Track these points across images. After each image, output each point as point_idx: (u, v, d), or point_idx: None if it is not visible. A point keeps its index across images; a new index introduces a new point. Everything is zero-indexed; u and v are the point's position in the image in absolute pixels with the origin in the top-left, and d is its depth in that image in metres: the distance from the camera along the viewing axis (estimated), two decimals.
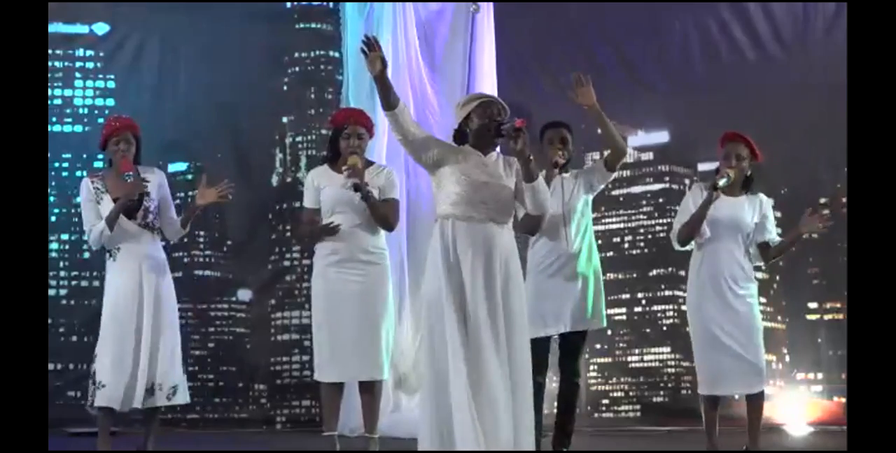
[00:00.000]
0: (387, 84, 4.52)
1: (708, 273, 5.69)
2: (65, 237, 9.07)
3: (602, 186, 5.74)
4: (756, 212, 5.76)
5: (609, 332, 9.15)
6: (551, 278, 5.51)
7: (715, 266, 5.67)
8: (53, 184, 8.84)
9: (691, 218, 5.67)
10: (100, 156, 8.42)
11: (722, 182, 5.60)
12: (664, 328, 9.08)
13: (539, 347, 5.12)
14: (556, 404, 5.68)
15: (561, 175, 5.59)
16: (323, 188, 5.59)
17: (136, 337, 5.61)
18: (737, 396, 5.77)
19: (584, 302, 5.56)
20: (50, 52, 8.68)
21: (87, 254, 9.03)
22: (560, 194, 5.50)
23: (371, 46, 4.47)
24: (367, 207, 5.45)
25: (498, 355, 4.34)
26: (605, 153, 5.71)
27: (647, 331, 9.11)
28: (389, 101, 4.52)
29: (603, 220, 9.28)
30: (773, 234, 5.79)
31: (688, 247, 5.81)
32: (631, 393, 9.05)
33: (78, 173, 8.92)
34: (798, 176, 8.16)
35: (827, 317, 8.62)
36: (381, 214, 5.51)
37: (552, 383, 5.93)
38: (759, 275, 5.79)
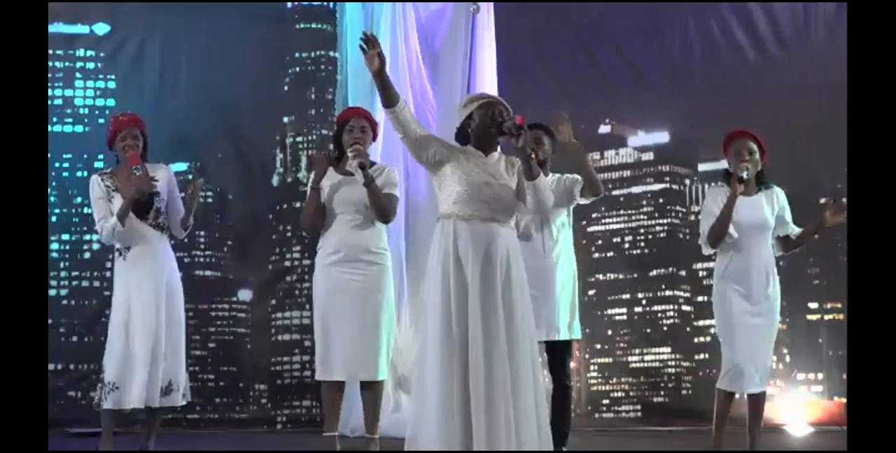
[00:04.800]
0: (386, 81, 4.51)
1: (735, 275, 5.66)
2: (65, 237, 9.06)
3: (577, 203, 5.74)
4: (774, 207, 5.74)
5: (609, 332, 9.16)
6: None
7: (743, 267, 5.66)
8: (54, 184, 8.84)
9: (719, 218, 5.61)
10: (101, 157, 8.46)
11: (744, 173, 5.57)
12: (664, 328, 9.08)
13: None
14: (550, 405, 5.67)
15: None
16: (326, 188, 5.58)
17: (151, 337, 5.62)
18: (737, 395, 5.77)
19: (557, 312, 5.57)
20: (50, 52, 8.68)
21: (87, 254, 9.03)
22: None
23: (370, 43, 4.46)
24: (368, 193, 5.43)
25: (490, 356, 4.32)
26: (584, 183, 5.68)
27: (648, 331, 9.10)
28: (389, 98, 4.52)
29: (603, 220, 9.28)
30: (791, 226, 5.78)
31: (710, 252, 5.80)
32: (631, 394, 9.05)
33: (78, 173, 8.92)
34: (798, 176, 8.14)
35: (827, 317, 8.62)
36: (380, 202, 5.48)
37: (548, 383, 5.92)
38: (776, 271, 5.77)
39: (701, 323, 8.96)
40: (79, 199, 8.91)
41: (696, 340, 8.98)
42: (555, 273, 5.61)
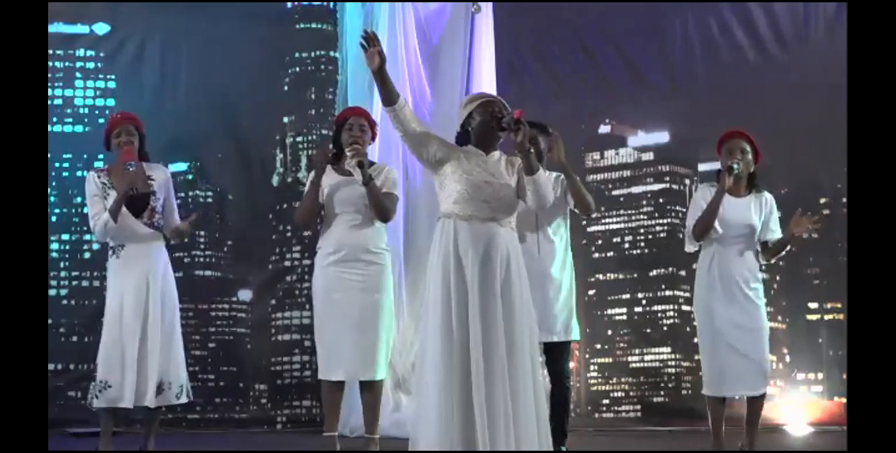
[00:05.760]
0: (386, 79, 4.50)
1: (718, 273, 5.66)
2: (65, 237, 9.07)
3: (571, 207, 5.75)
4: (762, 211, 5.75)
5: (609, 332, 9.16)
6: None
7: (725, 266, 5.65)
8: (54, 184, 8.85)
9: (706, 210, 5.61)
10: (100, 157, 8.45)
11: (735, 165, 5.58)
12: (664, 328, 9.08)
13: None
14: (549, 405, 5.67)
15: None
16: (325, 188, 5.58)
17: (142, 336, 5.62)
18: (737, 396, 5.77)
19: (554, 313, 5.57)
20: (50, 52, 8.69)
21: (87, 254, 9.04)
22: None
23: (370, 41, 4.46)
24: (367, 191, 5.44)
25: (489, 355, 4.32)
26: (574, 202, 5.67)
27: (648, 331, 9.11)
28: (389, 96, 4.51)
29: (603, 220, 9.28)
30: (775, 233, 5.77)
31: (693, 248, 5.80)
32: (631, 393, 9.05)
33: (78, 173, 8.92)
34: (798, 176, 8.15)
35: (827, 317, 8.62)
36: (379, 201, 5.48)
37: (548, 384, 5.93)
38: (760, 275, 5.79)
39: None
40: (79, 199, 8.90)
41: (695, 340, 8.91)
42: (549, 275, 5.61)
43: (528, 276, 5.35)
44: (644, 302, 9.14)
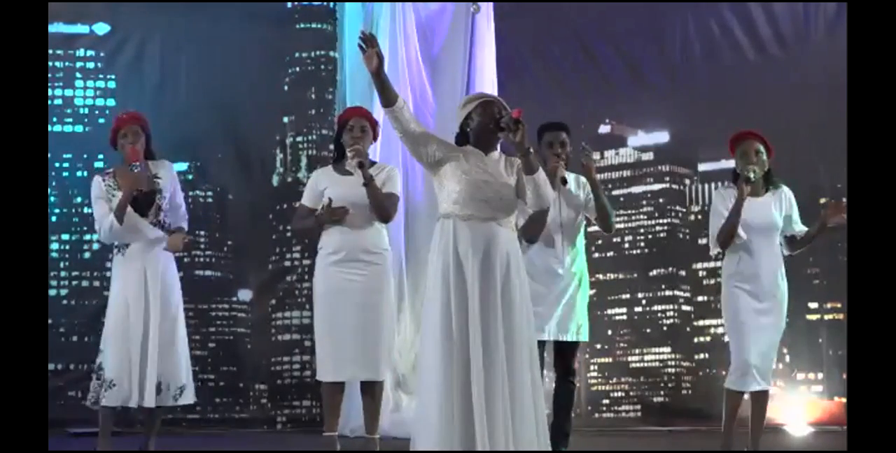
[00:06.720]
0: (384, 80, 4.50)
1: (746, 274, 5.67)
2: (65, 237, 9.07)
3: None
4: (783, 207, 5.76)
5: (609, 332, 9.16)
6: (538, 284, 5.45)
7: (753, 268, 5.66)
8: (54, 184, 8.84)
9: (728, 220, 5.63)
10: (100, 156, 8.46)
11: (751, 175, 5.59)
12: (664, 328, 9.08)
13: None
14: (552, 404, 5.68)
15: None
16: (326, 189, 5.59)
17: (144, 334, 5.61)
18: (745, 395, 5.78)
19: (569, 314, 5.58)
20: (50, 52, 8.67)
21: (87, 254, 9.03)
22: (558, 200, 5.52)
23: (368, 42, 4.46)
24: (367, 192, 5.44)
25: (489, 356, 4.33)
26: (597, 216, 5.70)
27: (648, 331, 9.11)
28: (388, 97, 4.51)
29: None
30: (799, 225, 5.79)
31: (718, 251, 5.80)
32: (631, 393, 9.05)
33: (78, 173, 8.92)
34: (798, 176, 8.13)
35: (827, 317, 8.62)
36: (379, 201, 5.49)
37: (550, 383, 5.94)
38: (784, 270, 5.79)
39: (701, 323, 8.96)
40: (79, 199, 8.91)
41: (695, 340, 8.98)
42: (571, 276, 5.63)
43: (549, 276, 5.41)
44: (644, 302, 9.14)
